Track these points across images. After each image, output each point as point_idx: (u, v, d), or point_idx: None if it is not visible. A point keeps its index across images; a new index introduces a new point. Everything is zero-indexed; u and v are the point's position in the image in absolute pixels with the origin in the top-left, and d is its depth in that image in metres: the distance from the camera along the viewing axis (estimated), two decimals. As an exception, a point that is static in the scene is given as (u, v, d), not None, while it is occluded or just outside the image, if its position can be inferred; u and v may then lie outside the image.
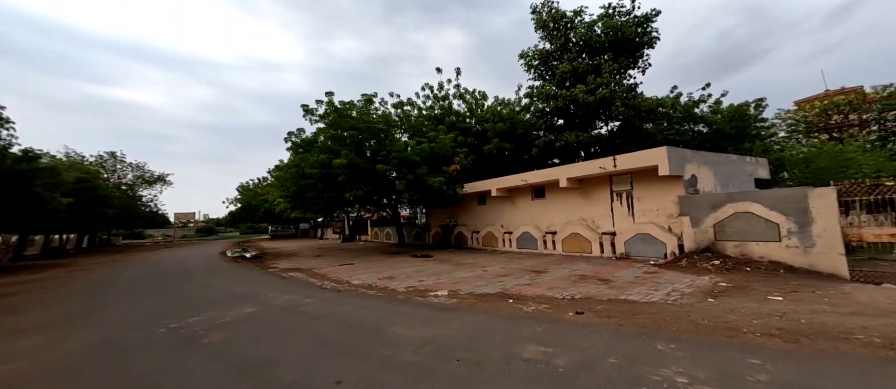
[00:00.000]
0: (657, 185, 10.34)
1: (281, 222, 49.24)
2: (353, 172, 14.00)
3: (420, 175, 14.82)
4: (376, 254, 16.66)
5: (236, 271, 12.95)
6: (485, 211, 17.48)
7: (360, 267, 12.01)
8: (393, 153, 14.62)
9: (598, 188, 12.07)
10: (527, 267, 10.18)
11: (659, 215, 10.33)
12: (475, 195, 18.01)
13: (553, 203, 13.79)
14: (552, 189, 13.73)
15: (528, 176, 13.70)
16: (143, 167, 40.78)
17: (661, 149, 9.49)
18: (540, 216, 14.37)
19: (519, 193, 15.42)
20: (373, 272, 10.61)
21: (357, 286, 8.59)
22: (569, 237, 12.48)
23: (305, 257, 17.44)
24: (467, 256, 13.92)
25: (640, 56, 18.37)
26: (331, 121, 14.79)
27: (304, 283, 9.42)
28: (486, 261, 11.99)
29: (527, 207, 14.99)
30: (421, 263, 12.35)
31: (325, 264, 13.69)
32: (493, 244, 16.03)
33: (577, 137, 16.89)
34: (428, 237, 21.30)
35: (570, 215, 13.11)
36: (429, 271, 10.41)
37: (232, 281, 10.28)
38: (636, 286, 6.99)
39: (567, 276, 8.53)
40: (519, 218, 15.36)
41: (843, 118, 26.41)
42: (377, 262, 13.36)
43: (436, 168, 16.22)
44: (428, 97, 23.59)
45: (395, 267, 11.56)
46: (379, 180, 15.32)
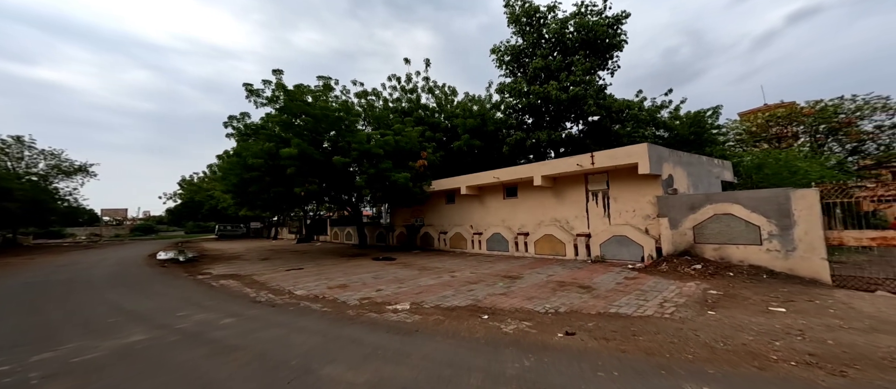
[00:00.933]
0: (634, 185, 9.86)
1: (230, 221, 45.07)
2: (305, 164, 12.31)
3: (383, 170, 13.44)
4: (333, 257, 15.00)
5: (156, 279, 10.78)
6: (453, 211, 16.45)
7: (310, 273, 10.43)
8: (353, 145, 13.11)
9: (573, 188, 11.46)
10: (499, 272, 9.23)
11: (635, 217, 9.85)
12: (443, 194, 16.91)
13: (525, 203, 13.04)
14: (525, 188, 12.98)
15: (500, 173, 12.83)
16: (58, 156, 35.10)
17: (642, 146, 8.97)
18: (511, 217, 13.57)
19: (490, 191, 14.55)
20: (324, 279, 9.12)
21: (300, 297, 7.11)
22: (542, 239, 11.75)
23: (249, 260, 15.34)
24: (434, 259, 12.78)
25: (609, 57, 18.33)
26: (281, 105, 12.94)
27: (234, 294, 7.74)
28: (455, 265, 10.92)
29: (498, 206, 14.15)
30: (382, 267, 11.01)
31: (269, 269, 11.88)
32: (461, 246, 15.02)
33: (549, 135, 16.39)
34: (392, 238, 19.87)
35: (542, 216, 12.41)
36: (389, 277, 9.12)
37: (141, 293, 8.30)
38: (622, 295, 6.23)
39: (544, 282, 7.66)
40: (489, 218, 14.49)
41: (781, 129, 28.73)
42: (332, 266, 11.80)
43: (401, 163, 14.91)
44: (394, 89, 22.16)
45: (351, 272, 10.13)
46: (336, 174, 13.71)
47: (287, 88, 12.50)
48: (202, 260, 16.20)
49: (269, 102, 12.75)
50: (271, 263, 13.71)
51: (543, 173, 11.29)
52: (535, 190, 12.47)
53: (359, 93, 19.59)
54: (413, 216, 18.92)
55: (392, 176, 13.55)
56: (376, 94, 21.00)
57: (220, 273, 11.37)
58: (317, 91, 13.70)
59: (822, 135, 26.73)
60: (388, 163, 13.67)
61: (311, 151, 12.30)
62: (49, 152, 34.68)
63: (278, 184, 12.73)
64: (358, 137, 13.47)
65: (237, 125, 13.23)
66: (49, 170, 34.79)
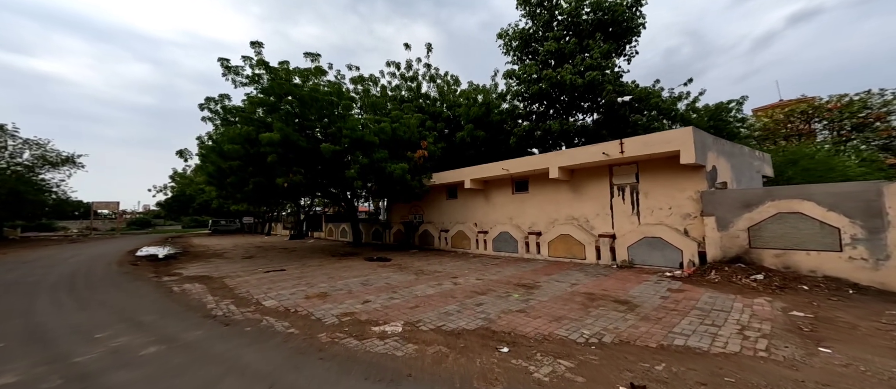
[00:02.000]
0: (671, 177, 8.41)
1: (224, 216, 43.76)
2: (289, 152, 10.87)
3: (378, 160, 11.99)
4: (322, 256, 13.59)
5: (113, 281, 9.37)
6: (455, 207, 15.01)
7: (291, 276, 9.01)
8: (344, 131, 11.65)
9: (595, 181, 10.00)
10: (510, 278, 7.80)
11: (672, 215, 8.40)
12: (444, 188, 15.47)
13: (537, 199, 11.59)
14: (538, 182, 11.53)
15: (510, 164, 11.38)
16: (44, 145, 33.67)
17: (686, 130, 7.50)
18: (521, 214, 12.13)
19: (497, 186, 13.10)
20: (303, 285, 7.70)
21: (267, 310, 5.69)
22: (557, 240, 10.31)
23: (231, 258, 13.95)
24: (434, 260, 11.36)
25: (627, 42, 16.82)
26: (266, 86, 11.46)
27: (188, 305, 6.32)
28: (457, 268, 9.50)
29: (506, 202, 12.70)
30: (374, 270, 9.59)
31: (247, 269, 10.47)
32: (464, 246, 13.60)
33: (561, 125, 14.91)
34: (388, 236, 18.45)
35: (557, 213, 10.97)
36: (381, 283, 7.69)
37: (79, 302, 6.87)
38: (678, 317, 4.80)
39: (568, 294, 6.23)
40: (496, 215, 13.05)
41: (803, 125, 27.17)
42: (317, 268, 10.38)
43: (398, 154, 13.47)
44: (393, 75, 20.66)
45: (338, 276, 8.71)
46: (325, 164, 12.27)
47: (269, 65, 11.00)
48: (181, 258, 14.82)
49: (251, 82, 11.27)
50: (253, 262, 12.30)
51: (561, 164, 9.83)
52: (549, 184, 11.03)
53: (355, 78, 18.06)
54: (411, 213, 17.49)
55: (387, 167, 12.10)
56: (374, 80, 19.48)
57: (190, 275, 9.97)
58: (305, 71, 12.21)
59: (847, 131, 25.22)
60: (383, 153, 12.22)
61: (295, 137, 10.84)
62: (34, 142, 33.18)
63: (259, 174, 11.28)
64: (350, 122, 12.00)
65: (215, 108, 11.76)
66: (34, 160, 33.40)
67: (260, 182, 11.16)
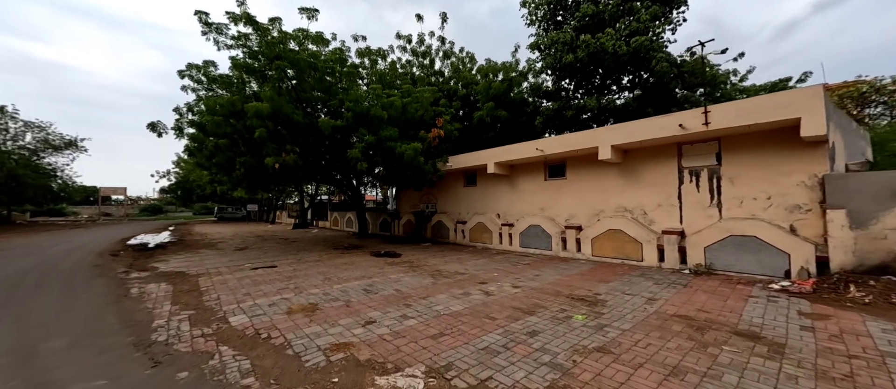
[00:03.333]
0: (771, 157, 6.39)
1: (230, 203, 42.87)
2: (281, 126, 9.14)
3: (385, 139, 10.17)
4: (323, 249, 11.97)
5: (74, 277, 7.88)
6: (474, 195, 13.17)
7: (281, 274, 7.36)
8: (346, 104, 9.83)
9: (656, 164, 8.02)
10: (556, 285, 5.98)
11: (772, 207, 6.41)
12: (461, 174, 13.62)
13: (577, 185, 9.67)
14: (578, 165, 9.59)
15: (545, 144, 9.43)
16: (46, 128, 32.80)
17: (813, 89, 5.44)
18: (555, 204, 10.23)
19: (525, 170, 11.19)
20: (291, 290, 6.02)
21: (229, 334, 4.01)
22: (604, 236, 8.42)
23: (223, 249, 12.47)
24: (450, 256, 9.60)
25: (675, 7, 14.47)
26: (254, 49, 9.64)
27: (131, 318, 4.69)
28: (482, 268, 7.71)
29: (536, 190, 10.80)
30: (380, 268, 7.88)
31: (234, 264, 8.90)
32: (484, 240, 11.81)
33: (600, 101, 12.81)
34: (397, 227, 16.76)
35: (602, 203, 9.05)
36: (388, 289, 5.96)
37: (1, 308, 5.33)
38: (868, 370, 2.93)
39: (653, 317, 4.39)
40: (523, 206, 11.18)
41: (856, 109, 24.38)
42: (315, 264, 8.73)
43: (408, 134, 11.64)
44: (404, 49, 18.66)
45: (335, 277, 7.01)
46: (324, 142, 10.52)
47: (257, 21, 9.16)
48: (171, 248, 13.42)
49: (237, 44, 9.48)
50: (244, 255, 10.75)
51: (615, 142, 7.84)
52: (594, 168, 9.09)
53: (361, 50, 16.09)
54: (422, 202, 15.72)
55: (397, 148, 10.28)
56: (382, 54, 17.50)
57: (166, 270, 8.44)
58: (301, 35, 10.34)
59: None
60: (392, 130, 10.38)
61: (289, 109, 9.08)
62: (36, 125, 32.34)
63: (248, 154, 9.59)
64: (353, 94, 10.17)
65: (197, 76, 10.02)
66: (37, 144, 32.60)
67: (248, 163, 9.47)
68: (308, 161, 10.43)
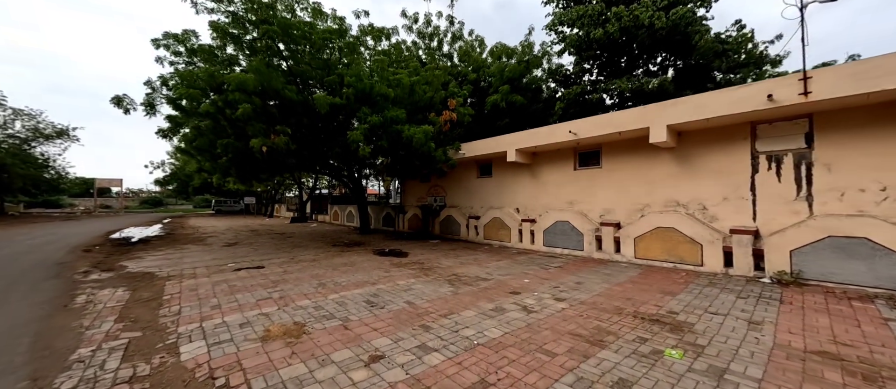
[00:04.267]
0: (886, 137, 5.02)
1: (229, 196, 41.75)
2: (269, 102, 7.81)
3: (391, 120, 8.83)
4: (321, 245, 10.70)
5: (23, 277, 6.64)
6: (489, 187, 11.84)
7: (267, 278, 6.08)
8: (347, 79, 8.47)
9: (720, 148, 6.66)
10: (610, 298, 4.67)
11: (888, 201, 5.04)
12: (475, 163, 12.29)
13: (616, 175, 8.32)
14: (618, 151, 8.24)
15: (580, 126, 8.05)
16: (36, 116, 31.57)
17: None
18: (588, 197, 8.89)
19: (551, 158, 9.84)
20: (274, 301, 4.73)
21: (159, 384, 2.72)
22: (651, 235, 7.08)
23: (211, 245, 11.25)
24: (466, 256, 8.30)
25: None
26: (242, 15, 8.27)
27: (46, 345, 3.42)
28: (508, 273, 6.41)
29: (564, 181, 9.45)
30: (386, 271, 6.59)
31: (216, 263, 7.64)
32: (501, 237, 10.50)
33: (633, 84, 11.38)
34: (401, 222, 15.47)
35: (649, 196, 7.71)
36: (398, 302, 4.67)
37: None
38: None
39: (781, 356, 3.07)
40: (548, 199, 9.85)
41: None
42: (309, 265, 7.45)
43: (416, 118, 10.31)
44: (409, 30, 17.22)
45: (331, 283, 5.72)
46: (320, 124, 9.19)
47: (242, -22, 7.78)
48: (154, 242, 12.22)
49: (218, 6, 8.10)
50: (231, 252, 9.50)
51: (673, 122, 6.46)
52: (637, 155, 7.75)
53: (364, 28, 14.61)
54: (430, 194, 14.41)
55: (405, 132, 8.94)
56: (386, 34, 16.07)
57: (134, 270, 7.20)
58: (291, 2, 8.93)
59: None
60: (398, 111, 9.04)
61: (279, 83, 7.74)
62: (25, 113, 31.11)
63: (231, 135, 8.26)
64: (354, 69, 8.81)
65: (175, 46, 8.65)
66: (27, 133, 31.40)
67: (232, 146, 8.15)
68: (302, 146, 9.10)
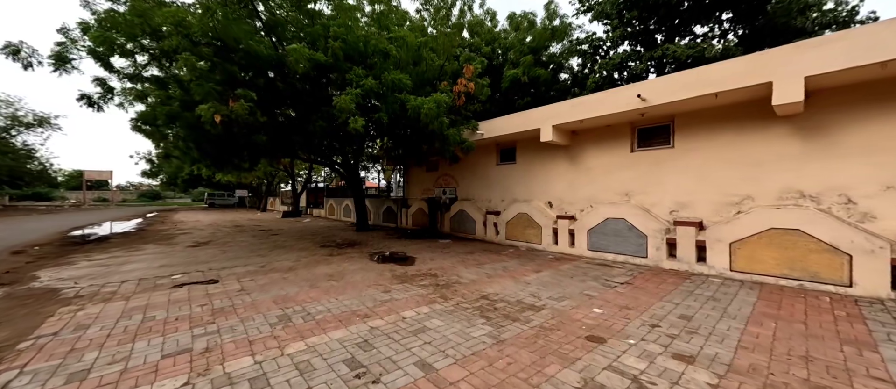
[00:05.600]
0: None
1: (226, 189, 39.86)
2: (228, 57, 5.71)
3: (392, 87, 6.73)
4: (307, 247, 8.67)
5: None
6: (513, 175, 9.75)
7: (207, 306, 4.06)
8: (334, 30, 6.36)
9: (878, 113, 4.54)
10: (777, 358, 2.61)
11: None
12: (494, 147, 10.19)
13: (691, 157, 6.22)
14: (695, 125, 6.14)
15: (652, 88, 5.89)
16: (14, 104, 29.53)
17: None
18: (649, 185, 6.80)
19: (597, 137, 7.74)
20: (189, 358, 2.69)
21: None
22: (758, 240, 5.00)
23: (177, 244, 9.33)
24: (489, 263, 6.24)
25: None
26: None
27: None
28: (566, 297, 4.36)
29: (615, 165, 7.35)
30: (386, 290, 4.55)
31: (161, 272, 5.65)
32: (528, 238, 8.44)
33: (690, 48, 9.18)
34: (404, 217, 13.42)
35: (750, 184, 5.61)
36: (402, 365, 2.62)
37: None
38: None
39: None
40: (593, 189, 7.76)
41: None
42: (280, 280, 5.42)
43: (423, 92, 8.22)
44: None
45: (302, 313, 3.69)
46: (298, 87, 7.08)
47: None
48: (112, 242, 10.28)
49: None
50: (193, 255, 7.50)
51: (816, 71, 4.32)
52: (732, 128, 5.66)
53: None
54: (438, 185, 12.34)
55: (410, 103, 6.84)
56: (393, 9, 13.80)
57: (38, 286, 5.24)
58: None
59: None
60: (400, 76, 6.93)
61: (238, 31, 5.62)
62: (3, 100, 29.11)
63: (177, 101, 6.15)
64: (343, 17, 6.68)
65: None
66: (6, 120, 29.41)
67: (175, 114, 6.06)
68: (275, 118, 7.01)
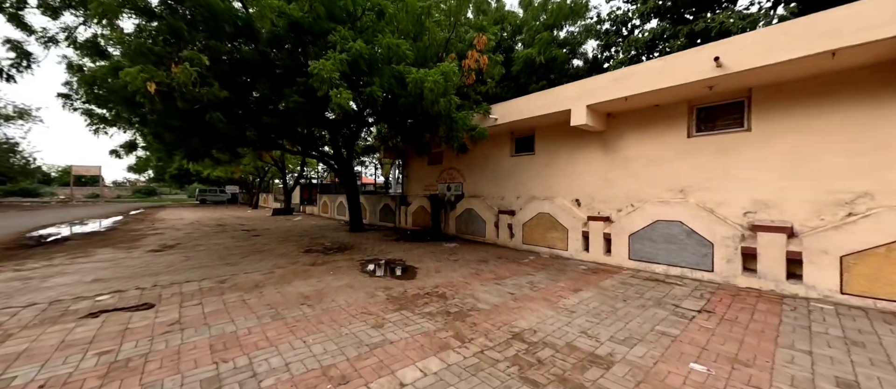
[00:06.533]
0: None
1: (219, 185, 38.43)
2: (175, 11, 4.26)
3: (387, 56, 5.30)
4: (287, 253, 7.24)
5: None
6: (531, 168, 8.32)
7: (107, 359, 2.65)
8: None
9: None
10: None
11: None
12: (508, 135, 8.75)
13: (777, 142, 4.82)
14: (784, 99, 4.74)
15: (733, 46, 4.47)
16: (-9, 94, 27.95)
17: None
18: (713, 179, 5.40)
19: (640, 121, 6.32)
20: None
21: None
22: (890, 253, 3.60)
23: (141, 247, 7.96)
24: (514, 280, 4.84)
25: None
26: None
27: None
28: (634, 339, 2.95)
29: (667, 155, 5.93)
30: (376, 326, 3.15)
31: (102, 285, 4.23)
32: (552, 242, 7.04)
33: (746, 16, 7.71)
34: (403, 217, 12.00)
35: (866, 176, 4.21)
36: None
37: None
38: None
39: None
40: (636, 183, 6.34)
41: None
42: (236, 305, 4.00)
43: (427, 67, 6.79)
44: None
45: (240, 365, 2.32)
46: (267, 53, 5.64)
47: None
48: (69, 243, 8.89)
49: None
50: (147, 265, 6.09)
51: None
52: (838, 102, 4.26)
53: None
54: (442, 180, 10.93)
55: (410, 74, 5.41)
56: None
57: None
58: None
59: None
60: (400, 42, 5.49)
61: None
62: (-22, 90, 27.48)
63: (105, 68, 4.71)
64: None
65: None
66: (-21, 114, 27.81)
67: (101, 79, 4.62)
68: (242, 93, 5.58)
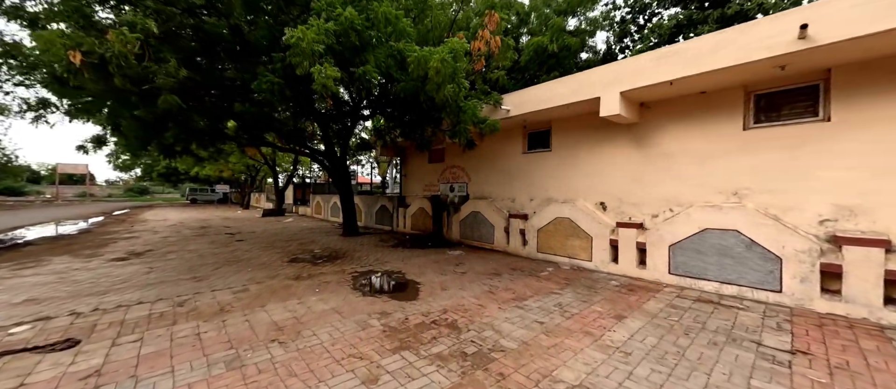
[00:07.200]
0: None
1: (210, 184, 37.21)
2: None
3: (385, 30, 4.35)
4: (267, 262, 6.27)
5: None
6: (547, 166, 7.38)
7: None
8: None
9: None
10: None
11: None
12: (520, 129, 7.82)
13: (865, 132, 3.93)
14: (884, 76, 3.85)
15: (827, 9, 3.59)
16: (-34, 89, 26.57)
17: None
18: (777, 179, 4.51)
19: (682, 111, 5.41)
20: None
21: None
22: None
23: (107, 254, 6.97)
24: (537, 302, 3.91)
25: None
26: None
27: None
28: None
29: (716, 151, 5.03)
30: (370, 362, 2.26)
31: (41, 304, 3.22)
32: (572, 251, 6.13)
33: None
34: (401, 220, 11.05)
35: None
36: None
37: None
38: None
39: None
40: (678, 185, 5.44)
41: None
42: (194, 336, 3.03)
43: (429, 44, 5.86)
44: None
45: None
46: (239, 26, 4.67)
47: None
48: (18, 250, 7.82)
49: None
50: (97, 281, 5.09)
51: None
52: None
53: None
54: (444, 179, 10.00)
55: (411, 56, 4.47)
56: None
57: None
58: None
59: None
60: (399, 13, 4.55)
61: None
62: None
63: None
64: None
65: None
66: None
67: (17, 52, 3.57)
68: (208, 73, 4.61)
